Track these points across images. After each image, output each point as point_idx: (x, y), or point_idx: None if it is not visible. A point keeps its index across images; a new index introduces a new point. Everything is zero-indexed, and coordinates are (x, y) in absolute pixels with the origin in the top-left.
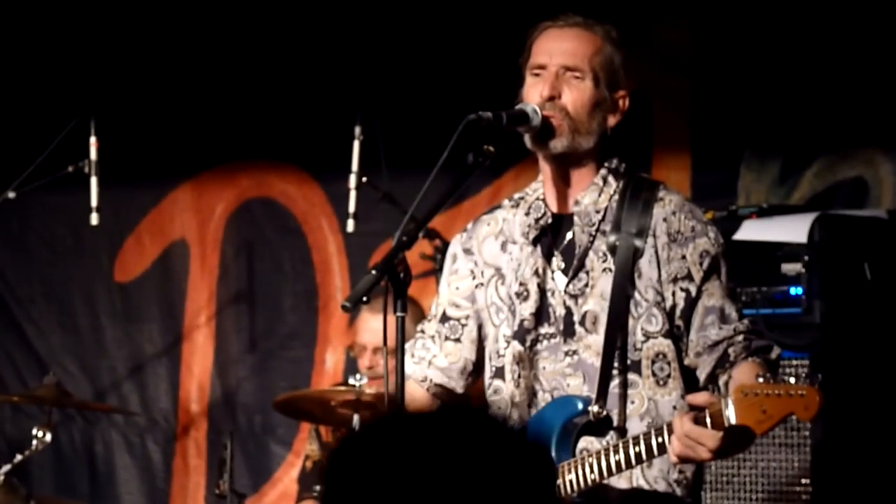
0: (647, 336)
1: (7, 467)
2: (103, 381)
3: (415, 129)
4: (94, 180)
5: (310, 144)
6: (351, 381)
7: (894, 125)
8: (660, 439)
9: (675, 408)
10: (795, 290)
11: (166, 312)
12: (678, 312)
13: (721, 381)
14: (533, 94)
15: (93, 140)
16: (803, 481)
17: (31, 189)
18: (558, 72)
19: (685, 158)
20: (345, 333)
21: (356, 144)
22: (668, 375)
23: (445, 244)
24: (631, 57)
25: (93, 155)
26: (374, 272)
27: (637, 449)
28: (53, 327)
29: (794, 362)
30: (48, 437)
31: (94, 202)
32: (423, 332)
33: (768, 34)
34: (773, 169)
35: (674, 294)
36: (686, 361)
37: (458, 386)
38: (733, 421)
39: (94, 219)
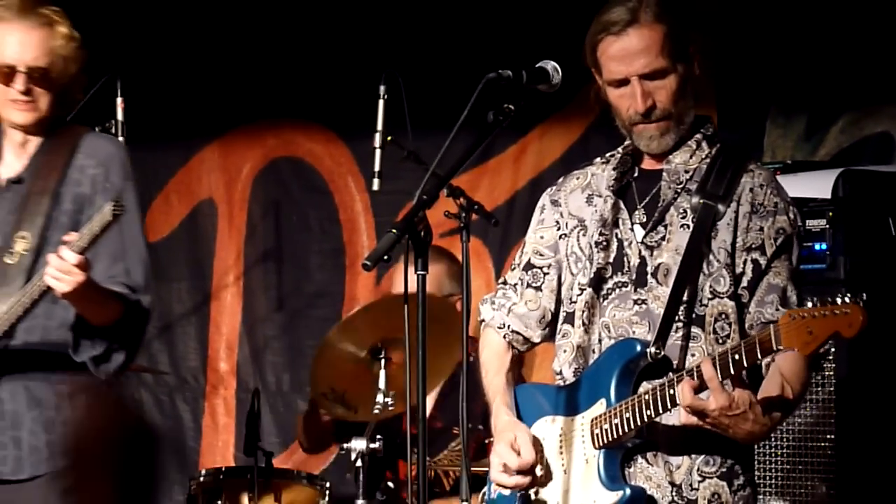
0: (714, 295)
1: None
2: None
3: (439, 87)
4: (120, 141)
5: (335, 104)
6: None
7: None
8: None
9: None
10: (820, 246)
11: (194, 272)
12: (744, 281)
13: (764, 362)
14: (629, 111)
15: (119, 100)
16: (828, 436)
17: None
18: (642, 83)
19: (711, 115)
20: (371, 291)
21: (381, 103)
22: (728, 336)
23: (470, 203)
24: None
25: (119, 115)
26: (394, 231)
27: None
28: None
29: None
30: None
31: None
32: (504, 282)
33: None
34: (798, 125)
35: (744, 263)
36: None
37: (534, 335)
38: (781, 345)
39: None
